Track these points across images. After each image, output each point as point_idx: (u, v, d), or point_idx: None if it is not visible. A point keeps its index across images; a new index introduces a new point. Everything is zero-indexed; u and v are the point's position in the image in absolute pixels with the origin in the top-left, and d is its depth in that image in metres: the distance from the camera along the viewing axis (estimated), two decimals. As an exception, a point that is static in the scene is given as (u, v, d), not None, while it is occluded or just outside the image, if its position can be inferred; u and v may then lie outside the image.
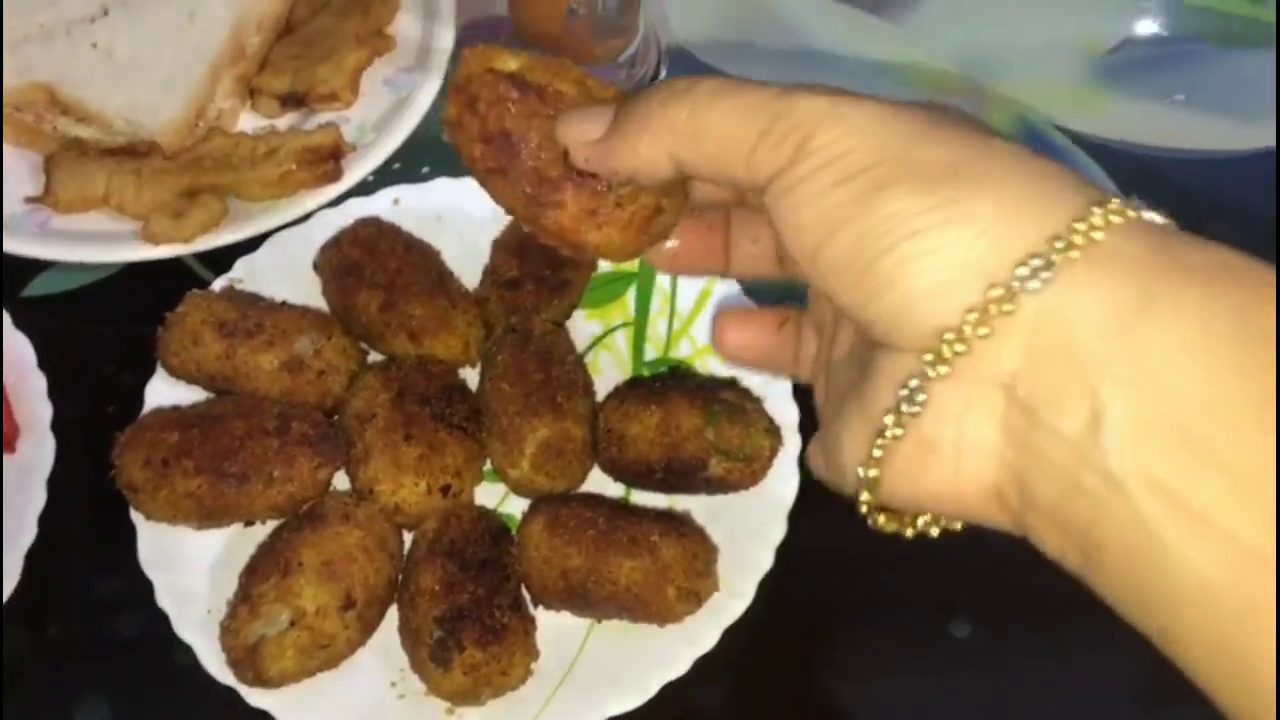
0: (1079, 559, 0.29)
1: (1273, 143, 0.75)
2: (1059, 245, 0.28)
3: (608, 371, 0.63)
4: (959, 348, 0.29)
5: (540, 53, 0.38)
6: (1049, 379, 0.28)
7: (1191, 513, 0.26)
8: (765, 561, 0.56)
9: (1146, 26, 0.81)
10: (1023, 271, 0.28)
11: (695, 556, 0.55)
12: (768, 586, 0.56)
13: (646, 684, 0.54)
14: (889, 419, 0.31)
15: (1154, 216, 0.29)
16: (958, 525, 0.33)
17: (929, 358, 0.30)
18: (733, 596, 0.56)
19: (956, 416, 0.30)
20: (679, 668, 0.54)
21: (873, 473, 0.32)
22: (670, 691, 0.54)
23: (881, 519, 0.33)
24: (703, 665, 0.55)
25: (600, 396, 0.61)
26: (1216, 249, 0.28)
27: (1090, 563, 0.28)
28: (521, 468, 0.57)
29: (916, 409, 0.30)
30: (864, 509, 0.33)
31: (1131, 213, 0.28)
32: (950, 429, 0.30)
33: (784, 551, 0.57)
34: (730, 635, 0.55)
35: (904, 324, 0.30)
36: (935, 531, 0.34)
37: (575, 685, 0.55)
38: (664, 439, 0.57)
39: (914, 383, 0.30)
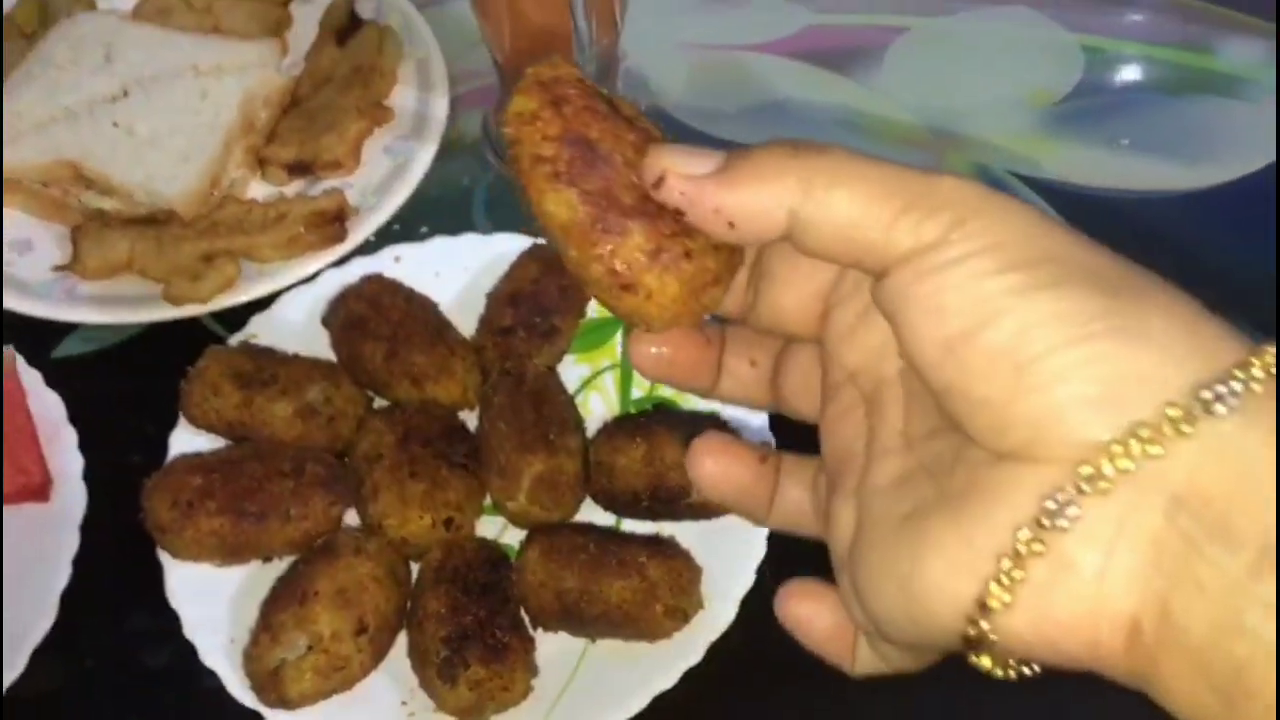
0: (1220, 707, 0.26)
1: (1212, 183, 0.79)
2: (1240, 375, 0.26)
3: (597, 410, 0.67)
4: (1125, 464, 0.27)
5: None
6: (1219, 507, 0.26)
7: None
8: (746, 579, 0.60)
9: (1093, 78, 0.85)
10: (1206, 395, 0.26)
11: (680, 576, 0.58)
12: (749, 603, 0.59)
13: (639, 696, 0.57)
14: (1023, 534, 0.27)
15: None
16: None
17: (1086, 470, 0.27)
18: (717, 612, 0.59)
19: (1107, 539, 0.27)
20: (669, 680, 0.58)
21: (992, 601, 0.28)
22: (661, 702, 0.57)
23: (986, 660, 0.29)
24: (691, 677, 0.58)
25: (590, 433, 0.65)
26: None
27: (1235, 711, 0.26)
28: (518, 500, 0.61)
29: (1064, 524, 0.27)
30: (969, 646, 0.29)
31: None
32: (1097, 553, 0.27)
33: (764, 569, 0.60)
34: (715, 649, 0.58)
35: (1056, 431, 0.27)
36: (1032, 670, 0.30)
37: (573, 699, 0.58)
38: (649, 470, 0.61)
39: (1062, 496, 0.27)
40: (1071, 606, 0.27)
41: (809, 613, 0.36)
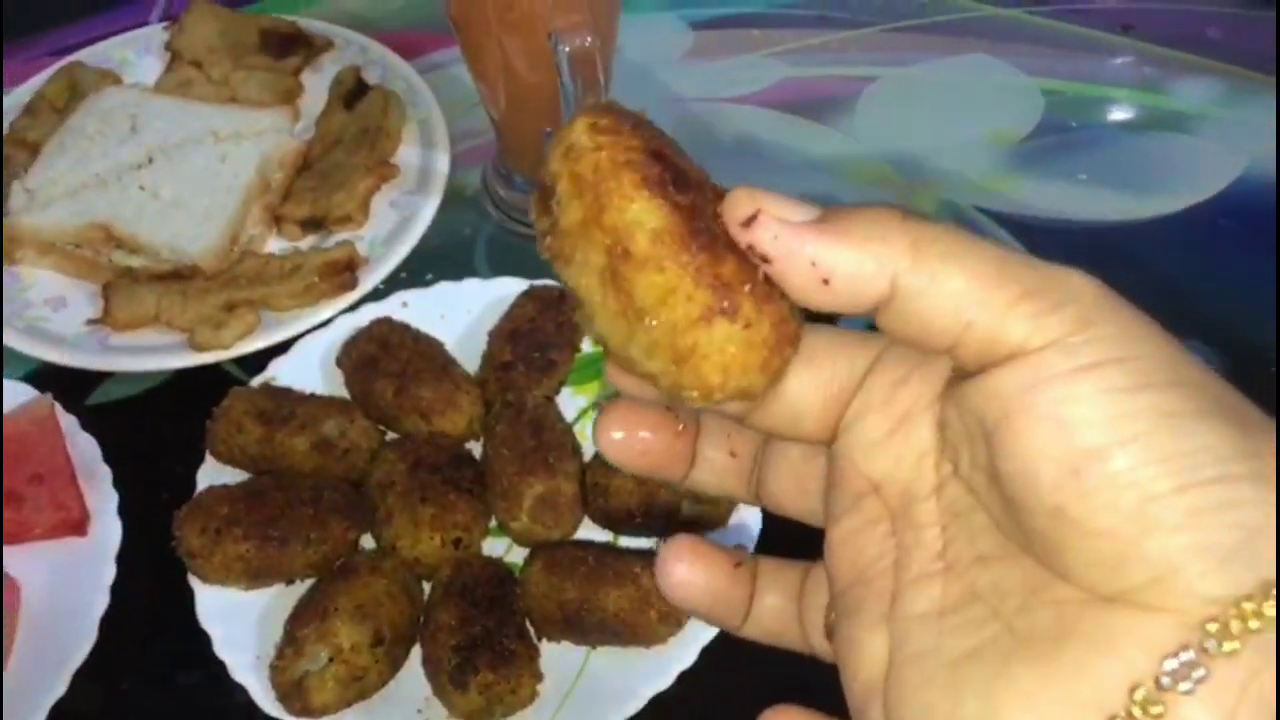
0: None
1: (1164, 211, 0.84)
2: None
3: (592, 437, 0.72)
4: (1254, 624, 0.24)
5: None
6: None
7: None
8: None
9: (1052, 118, 0.90)
10: None
11: None
12: None
13: (638, 698, 0.61)
14: (1139, 694, 0.25)
15: None
16: None
17: (1214, 628, 0.25)
18: None
19: (1230, 705, 0.25)
20: (665, 682, 0.61)
21: None
22: (658, 703, 0.61)
23: None
24: (685, 679, 0.61)
25: (587, 457, 0.69)
26: None
27: None
28: (521, 520, 0.65)
29: (1187, 686, 0.25)
30: None
31: None
32: (1226, 701, 0.25)
33: None
34: (708, 652, 0.62)
35: (1181, 578, 0.25)
36: None
37: (576, 702, 0.62)
38: (642, 489, 0.65)
39: (1186, 655, 0.25)
40: None
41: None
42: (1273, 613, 0.24)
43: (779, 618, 0.35)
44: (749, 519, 0.67)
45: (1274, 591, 0.24)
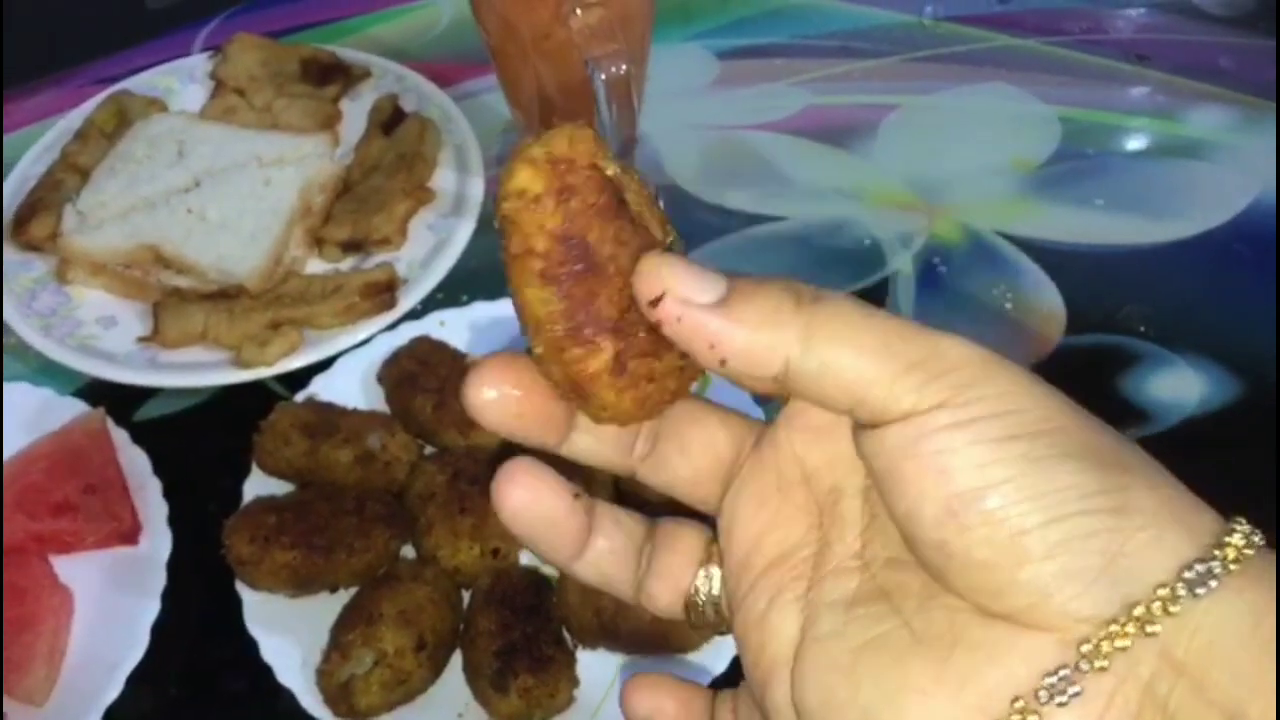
0: None
1: (1178, 236, 0.86)
2: (1218, 554, 0.28)
3: None
4: (1121, 643, 0.28)
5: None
6: (1192, 680, 0.27)
7: None
8: None
9: (1069, 146, 0.92)
10: (1190, 575, 0.27)
11: None
12: None
13: None
14: (1019, 704, 0.28)
15: (1259, 536, 0.29)
16: None
17: (1087, 648, 0.28)
18: None
19: (1098, 712, 0.28)
20: None
21: None
22: None
23: None
24: (718, 685, 0.63)
25: (620, 471, 0.72)
26: None
27: None
28: (558, 531, 0.68)
29: (1063, 700, 0.28)
30: None
31: (1256, 536, 0.28)
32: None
33: None
34: (740, 662, 0.65)
35: (1051, 603, 0.28)
36: None
37: (612, 707, 0.63)
38: (674, 501, 0.68)
39: (1064, 672, 0.28)
40: None
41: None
42: (1138, 630, 0.27)
43: (615, 563, 0.36)
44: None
45: (1136, 611, 0.27)
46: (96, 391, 0.78)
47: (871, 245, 0.87)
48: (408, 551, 0.70)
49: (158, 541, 0.70)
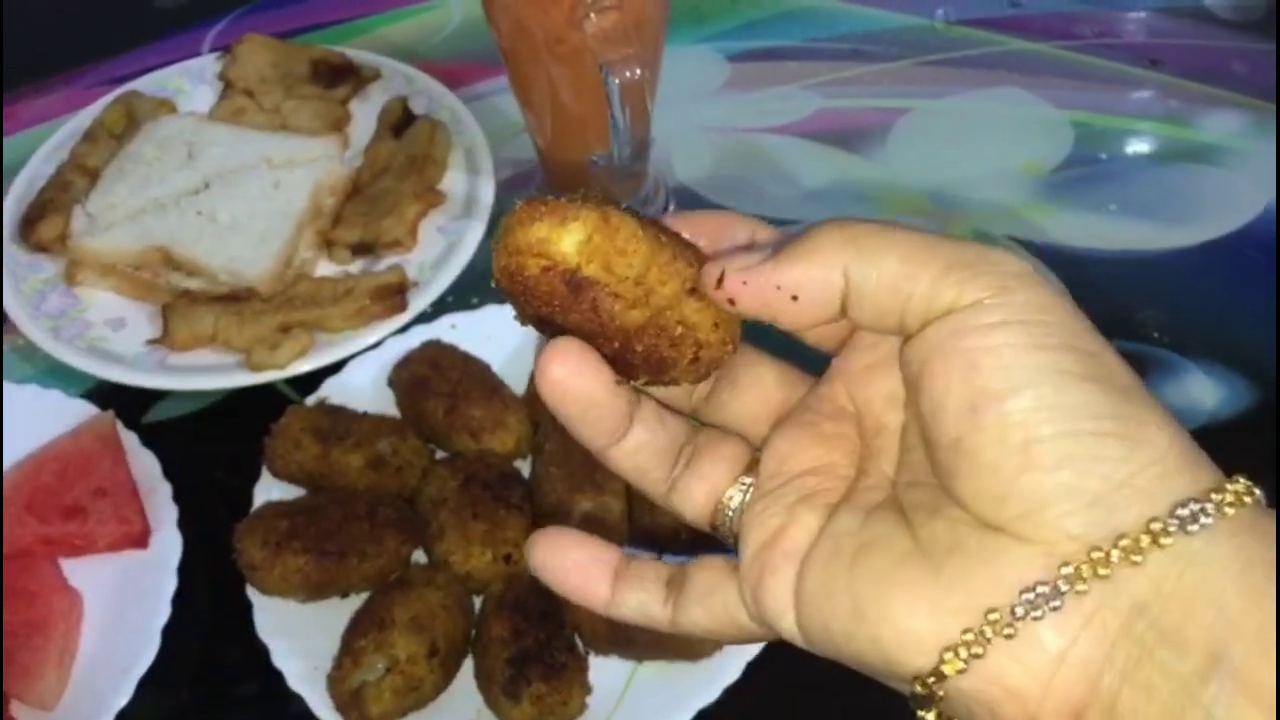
0: None
1: (1192, 242, 0.86)
2: (1215, 498, 0.29)
3: None
4: (1103, 571, 0.29)
5: (595, 196, 0.34)
6: (1176, 616, 0.28)
7: None
8: None
9: (1082, 150, 0.92)
10: (1184, 512, 0.28)
11: None
12: None
13: (683, 711, 0.62)
14: (995, 615, 0.30)
15: (1258, 492, 0.30)
16: None
17: (1068, 570, 0.29)
18: None
19: (1073, 633, 0.29)
20: (710, 696, 0.63)
21: (947, 667, 0.30)
22: (704, 717, 0.62)
23: (930, 717, 0.31)
24: (731, 693, 0.63)
25: (632, 477, 0.71)
26: None
27: None
28: (570, 537, 0.68)
29: (1039, 615, 0.29)
30: (916, 692, 0.31)
31: (1254, 491, 0.30)
32: (1062, 640, 0.29)
33: None
34: (753, 667, 0.63)
35: (1048, 515, 0.29)
36: None
37: (624, 715, 0.63)
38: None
39: (1044, 589, 0.29)
40: (1022, 679, 0.29)
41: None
42: (1121, 559, 0.29)
43: (652, 456, 0.38)
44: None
45: (1123, 542, 0.29)
46: (106, 394, 0.78)
47: None
48: (419, 557, 0.69)
49: (168, 545, 0.69)
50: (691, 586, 0.37)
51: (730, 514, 0.37)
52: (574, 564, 0.38)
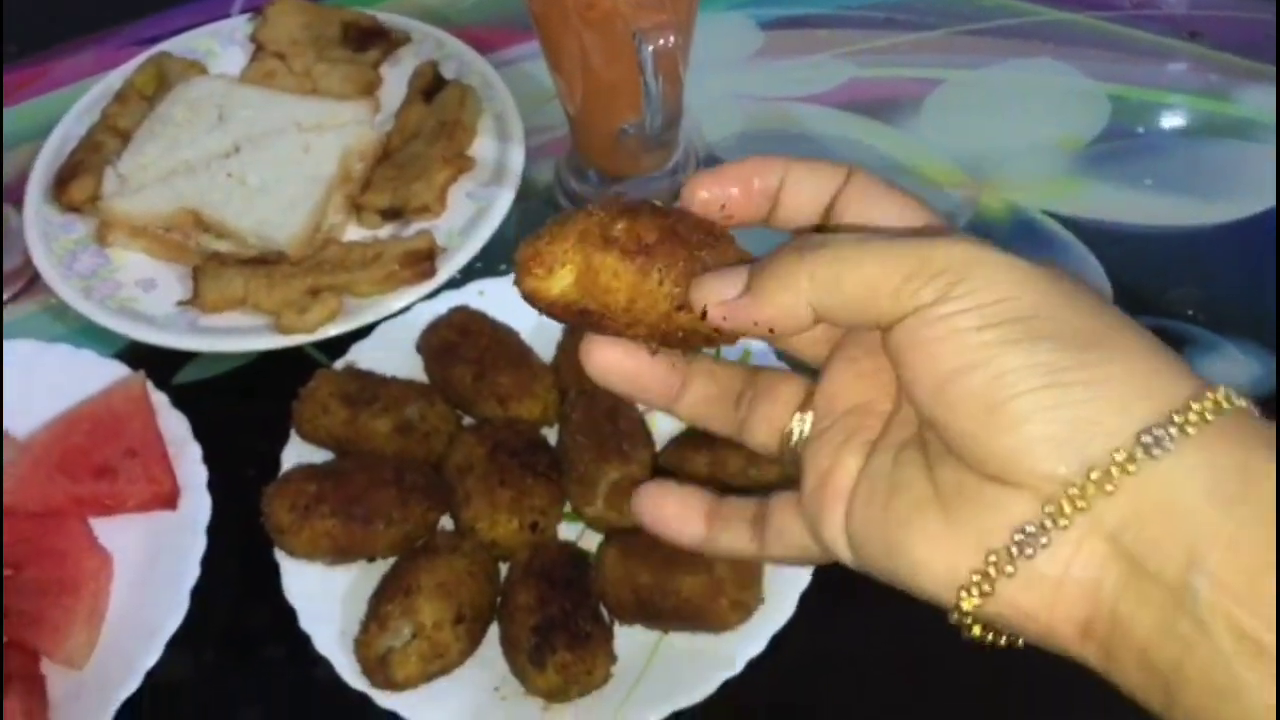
0: (1161, 697, 0.31)
1: (1229, 218, 0.84)
2: (1178, 419, 0.31)
3: (663, 427, 0.72)
4: (1080, 504, 0.32)
5: (579, 211, 0.39)
6: (1154, 532, 0.31)
7: (1270, 657, 0.29)
8: (805, 576, 0.65)
9: (1119, 124, 0.91)
10: (1147, 439, 0.31)
11: (744, 573, 0.63)
12: (808, 598, 0.64)
13: (708, 682, 0.62)
14: (995, 557, 0.33)
15: (1241, 401, 0.32)
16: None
17: (1050, 509, 0.32)
18: (778, 607, 0.64)
19: (1065, 560, 0.32)
20: (734, 668, 0.63)
21: (964, 602, 0.34)
22: (728, 688, 0.62)
23: (976, 629, 0.35)
24: (754, 666, 0.63)
25: (659, 446, 0.71)
26: None
27: (1172, 700, 0.31)
28: (596, 506, 0.67)
29: (1031, 552, 0.32)
30: (961, 621, 0.35)
31: (1233, 400, 0.32)
32: (1057, 569, 0.32)
33: (821, 569, 0.64)
34: (777, 640, 0.63)
35: (1022, 465, 0.32)
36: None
37: (648, 684, 0.63)
38: (713, 478, 0.67)
39: (1031, 529, 0.32)
40: (1031, 604, 0.33)
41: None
42: (1095, 490, 0.31)
43: (711, 408, 0.43)
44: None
45: (1093, 474, 0.32)
46: (136, 354, 0.78)
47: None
48: (446, 523, 0.69)
49: (197, 506, 0.70)
50: (770, 524, 0.41)
51: (794, 444, 0.41)
52: (672, 513, 0.43)
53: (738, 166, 0.40)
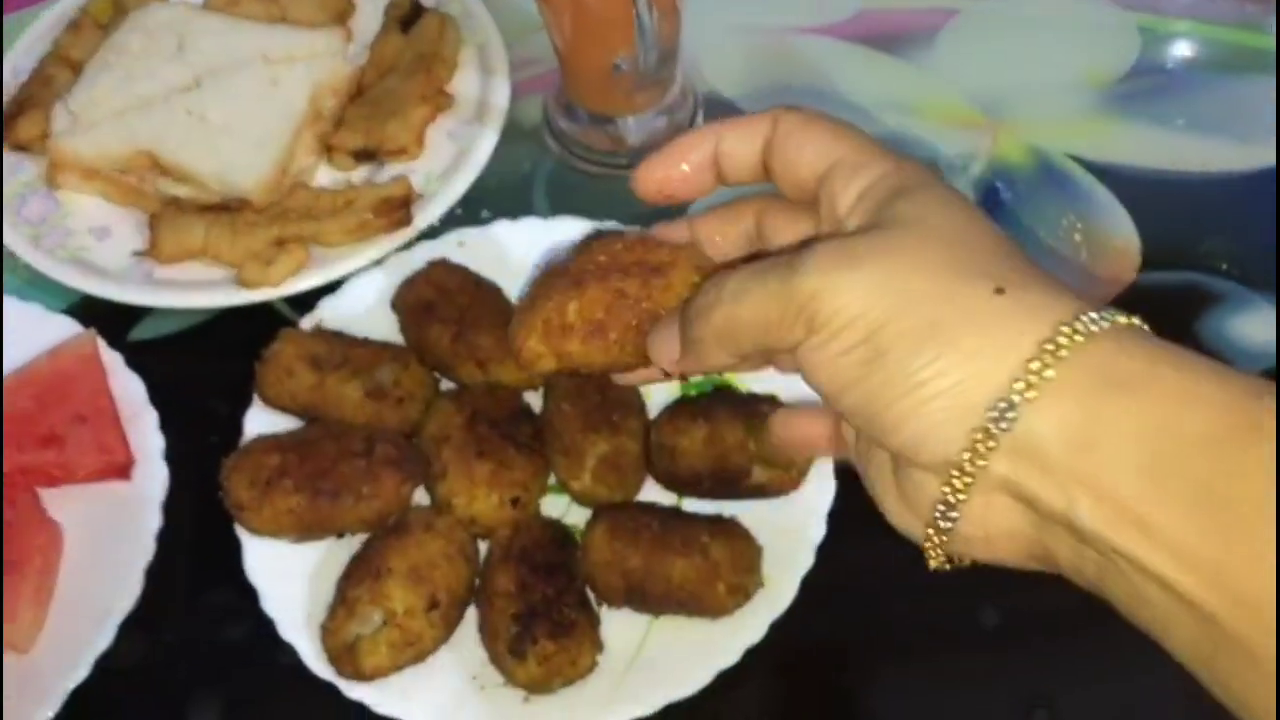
0: (1101, 597, 0.36)
1: (1267, 163, 0.79)
2: (1019, 387, 0.34)
3: (657, 393, 0.67)
4: (966, 480, 0.36)
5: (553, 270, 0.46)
6: (1033, 484, 0.35)
7: (1147, 570, 0.33)
8: (806, 560, 0.61)
9: (1149, 58, 0.85)
10: (993, 414, 0.35)
11: (742, 556, 0.60)
12: (810, 582, 0.60)
13: (703, 672, 0.58)
14: (930, 529, 0.39)
15: (1096, 325, 0.35)
16: None
17: (945, 489, 0.37)
18: (778, 592, 0.60)
19: (981, 519, 0.37)
20: (731, 657, 0.59)
21: (936, 560, 0.40)
22: (724, 679, 0.59)
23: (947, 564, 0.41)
24: (753, 654, 0.59)
25: (652, 415, 0.66)
26: (1149, 357, 0.35)
27: (1108, 598, 0.36)
28: (583, 480, 0.63)
29: (950, 524, 0.38)
30: (941, 567, 0.40)
31: (1081, 332, 0.35)
32: (979, 528, 0.38)
33: (823, 551, 0.61)
34: (777, 627, 0.59)
35: (916, 458, 0.37)
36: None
37: (638, 674, 0.59)
38: (711, 450, 0.62)
39: (942, 507, 0.38)
40: (979, 553, 0.39)
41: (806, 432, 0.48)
42: (974, 468, 0.36)
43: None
44: (822, 487, 0.63)
45: (964, 455, 0.36)
46: (88, 309, 0.73)
47: (928, 165, 0.80)
48: (421, 498, 0.65)
49: (153, 477, 0.65)
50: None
51: None
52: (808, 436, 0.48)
53: (669, 150, 0.45)
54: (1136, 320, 0.36)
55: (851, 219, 0.40)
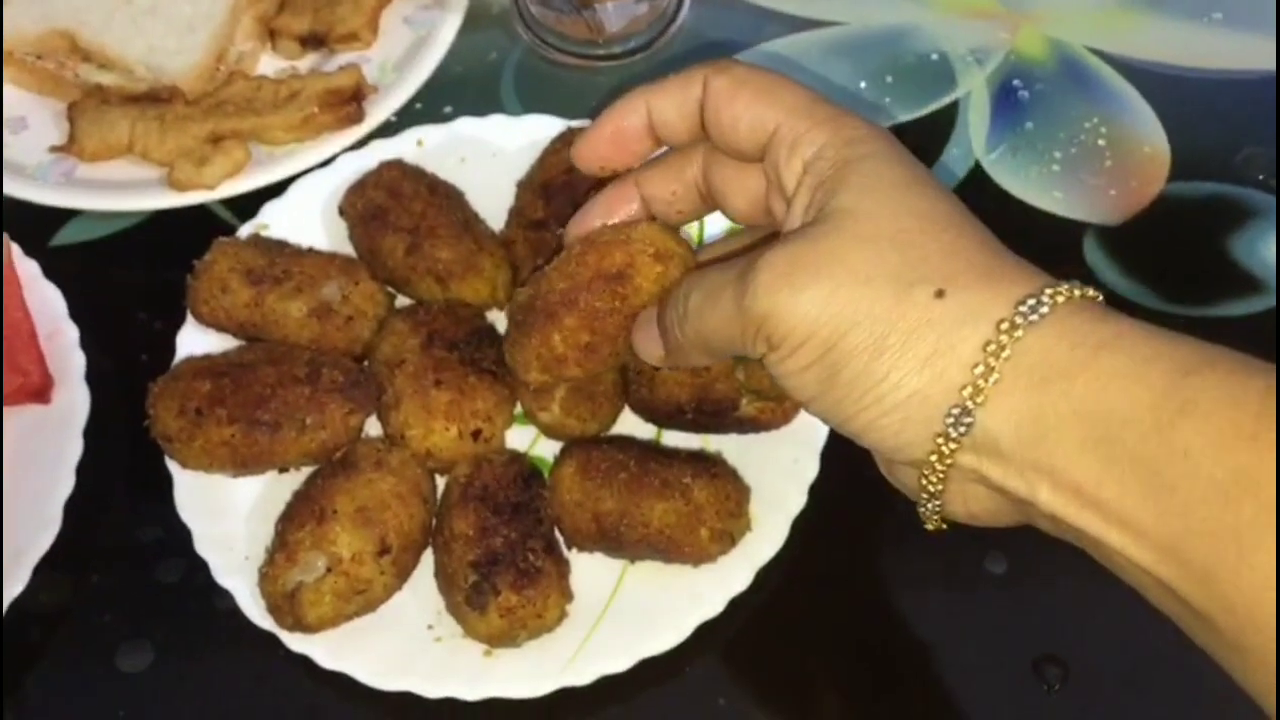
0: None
1: (1314, 62, 0.73)
2: (968, 393, 0.38)
3: None
4: (940, 474, 0.40)
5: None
6: (998, 475, 0.39)
7: (1109, 546, 0.37)
8: (798, 501, 0.57)
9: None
10: (950, 419, 0.38)
11: (728, 497, 0.55)
12: (801, 525, 0.56)
13: (682, 624, 0.55)
14: (923, 509, 0.43)
15: (1040, 310, 0.38)
16: None
17: (925, 481, 0.41)
18: (766, 536, 0.56)
19: (962, 501, 0.42)
20: (714, 608, 0.55)
21: (924, 515, 0.43)
22: (705, 631, 0.55)
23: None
24: (737, 605, 0.55)
25: (630, 338, 0.61)
26: (1089, 338, 0.37)
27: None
28: (552, 411, 0.57)
29: (938, 505, 0.42)
30: (939, 529, 0.44)
31: (1019, 331, 0.38)
32: (962, 508, 0.42)
33: (816, 490, 0.57)
34: (764, 574, 0.56)
35: (893, 456, 0.41)
36: None
37: (611, 626, 0.55)
38: (694, 379, 0.57)
39: (924, 495, 0.41)
40: (971, 523, 0.43)
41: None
42: (943, 468, 0.40)
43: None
44: (815, 421, 0.58)
45: (932, 456, 0.40)
46: (3, 210, 0.67)
47: (939, 60, 0.75)
48: (372, 427, 0.60)
49: (73, 401, 0.61)
50: None
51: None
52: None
53: (601, 122, 0.47)
54: (1078, 292, 0.38)
55: (798, 201, 0.42)
